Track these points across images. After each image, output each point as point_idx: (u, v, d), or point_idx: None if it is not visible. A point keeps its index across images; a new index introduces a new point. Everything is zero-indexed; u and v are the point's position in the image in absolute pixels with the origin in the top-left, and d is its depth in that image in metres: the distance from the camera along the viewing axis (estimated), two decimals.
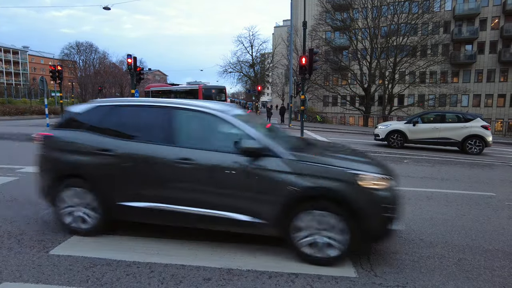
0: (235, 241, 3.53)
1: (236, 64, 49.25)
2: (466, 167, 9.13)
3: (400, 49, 30.20)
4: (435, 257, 3.35)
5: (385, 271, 3.03)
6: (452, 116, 13.04)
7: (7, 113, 24.44)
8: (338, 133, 20.75)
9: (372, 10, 30.68)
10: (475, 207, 5.24)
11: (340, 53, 37.17)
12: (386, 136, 13.16)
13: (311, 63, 12.38)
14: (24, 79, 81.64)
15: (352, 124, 34.25)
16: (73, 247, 3.28)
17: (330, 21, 34.37)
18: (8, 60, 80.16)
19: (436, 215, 4.74)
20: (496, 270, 3.15)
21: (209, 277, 2.80)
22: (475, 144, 12.11)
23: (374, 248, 3.50)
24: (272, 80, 58.67)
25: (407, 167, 8.72)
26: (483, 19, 37.53)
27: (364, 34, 32.13)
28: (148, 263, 3.00)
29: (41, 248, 3.25)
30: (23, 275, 2.75)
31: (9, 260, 2.99)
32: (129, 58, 12.96)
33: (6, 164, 7.16)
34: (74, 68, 58.17)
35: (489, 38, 37.60)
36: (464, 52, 38.44)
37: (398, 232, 3.95)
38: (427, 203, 5.36)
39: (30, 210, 4.31)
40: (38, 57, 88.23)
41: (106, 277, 2.76)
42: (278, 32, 70.62)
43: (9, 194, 4.99)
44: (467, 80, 38.70)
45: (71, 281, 2.69)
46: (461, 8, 37.70)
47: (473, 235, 4.03)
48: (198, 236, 3.64)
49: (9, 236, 3.52)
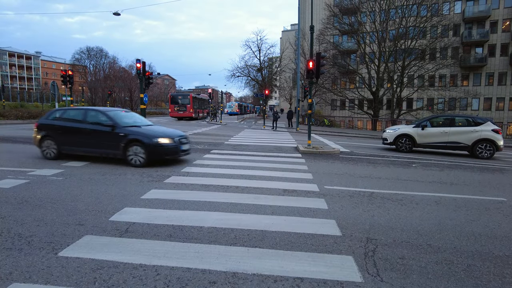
0: (241, 245, 3.54)
1: (243, 68, 49.58)
2: (476, 172, 8.98)
3: (409, 52, 29.95)
4: (443, 263, 3.30)
5: (392, 276, 3.00)
6: (462, 120, 12.86)
7: (19, 117, 24.90)
8: (346, 137, 20.63)
9: (380, 14, 30.54)
10: (485, 213, 5.14)
11: (348, 56, 37.07)
12: (394, 140, 13.05)
13: (319, 67, 12.36)
14: (36, 84, 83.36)
15: (360, 128, 34.01)
16: (81, 249, 3.33)
17: (337, 25, 34.34)
18: (21, 65, 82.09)
19: (445, 220, 4.67)
20: (507, 277, 3.09)
21: (214, 281, 2.81)
22: (485, 148, 11.92)
23: (380, 253, 3.47)
24: (280, 84, 58.75)
25: (416, 172, 8.62)
26: (493, 22, 37.03)
27: (372, 37, 32.01)
28: (154, 266, 3.02)
29: (50, 249, 3.31)
30: (33, 276, 2.80)
31: (19, 261, 3.05)
32: (138, 63, 13.14)
33: (18, 167, 7.31)
34: (84, 72, 59.14)
35: (500, 41, 37.04)
36: (474, 55, 37.91)
37: (406, 237, 3.91)
38: (436, 207, 5.29)
39: (40, 212, 4.39)
40: (50, 62, 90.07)
41: (113, 279, 2.79)
42: (286, 36, 70.82)
43: (20, 196, 5.10)
44: (478, 83, 38.13)
45: (79, 282, 2.73)
46: (471, 11, 37.27)
47: (483, 241, 3.95)
48: (204, 239, 3.66)
49: (20, 237, 3.59)
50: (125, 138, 7.86)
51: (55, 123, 8.60)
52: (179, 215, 4.42)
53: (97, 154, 8.25)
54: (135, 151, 7.83)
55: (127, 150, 7.87)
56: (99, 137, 8.08)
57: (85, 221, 4.10)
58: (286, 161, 9.55)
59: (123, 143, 7.86)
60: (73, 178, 6.44)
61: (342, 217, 4.59)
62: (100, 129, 8.09)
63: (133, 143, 7.84)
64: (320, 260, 3.26)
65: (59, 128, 8.45)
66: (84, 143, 8.20)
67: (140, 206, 4.77)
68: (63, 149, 8.35)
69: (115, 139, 7.93)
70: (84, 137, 8.20)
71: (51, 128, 8.51)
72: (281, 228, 4.06)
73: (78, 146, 8.25)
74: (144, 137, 7.85)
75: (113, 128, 8.00)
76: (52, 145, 8.41)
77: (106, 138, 8.01)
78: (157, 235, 3.73)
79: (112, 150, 8.01)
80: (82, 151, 8.26)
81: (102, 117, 8.31)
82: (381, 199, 5.70)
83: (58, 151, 8.37)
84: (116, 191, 5.57)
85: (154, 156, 7.96)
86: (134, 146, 7.83)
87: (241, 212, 4.69)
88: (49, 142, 8.45)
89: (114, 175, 6.85)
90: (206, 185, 6.21)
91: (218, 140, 14.80)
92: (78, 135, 8.27)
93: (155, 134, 8.06)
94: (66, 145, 8.35)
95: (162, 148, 7.99)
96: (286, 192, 5.87)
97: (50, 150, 8.43)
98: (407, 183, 7.09)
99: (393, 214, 4.84)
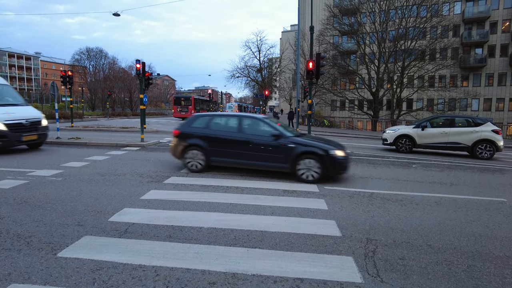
0: (240, 245, 3.53)
1: (243, 69, 49.57)
2: (476, 172, 8.97)
3: (409, 53, 29.93)
4: (443, 264, 3.30)
5: (392, 277, 2.99)
6: (462, 120, 12.85)
7: None
8: (345, 138, 20.62)
9: (379, 14, 30.54)
10: (485, 213, 5.14)
11: (347, 57, 37.03)
12: (394, 140, 13.04)
13: (318, 67, 12.37)
14: (36, 84, 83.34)
15: (360, 129, 34.00)
16: (80, 250, 3.31)
17: (337, 26, 34.33)
18: (21, 66, 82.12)
19: (445, 220, 4.66)
20: (507, 277, 3.08)
21: (214, 281, 2.80)
22: (485, 148, 11.92)
23: (380, 253, 3.46)
24: (280, 85, 58.74)
25: (416, 172, 8.62)
26: (493, 22, 37.04)
27: (372, 38, 31.99)
28: (153, 267, 3.01)
29: (49, 250, 3.30)
30: (31, 277, 2.79)
31: (18, 262, 3.04)
32: (137, 63, 13.11)
33: (17, 168, 7.30)
34: (84, 73, 59.07)
35: (499, 41, 37.05)
36: (474, 55, 37.93)
37: (406, 238, 3.90)
38: (436, 208, 5.28)
39: (39, 213, 4.38)
40: (50, 63, 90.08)
41: (112, 279, 2.78)
42: (286, 37, 70.89)
43: (19, 197, 5.09)
44: (477, 84, 38.15)
45: (78, 283, 2.72)
46: (470, 11, 37.28)
47: (483, 241, 3.95)
48: (204, 240, 3.65)
49: (19, 238, 3.58)
50: (294, 150, 6.86)
51: (203, 131, 7.58)
52: (179, 216, 4.42)
53: (257, 167, 7.29)
54: (308, 165, 6.81)
55: (297, 164, 6.87)
56: (261, 148, 7.08)
57: (85, 222, 4.09)
58: None
59: (293, 156, 6.87)
60: (72, 179, 6.43)
61: (342, 218, 4.59)
62: (262, 140, 7.11)
63: (306, 155, 6.83)
64: (320, 260, 3.26)
65: (210, 137, 7.45)
66: (241, 155, 7.23)
67: (140, 207, 4.76)
68: (213, 160, 7.40)
69: (281, 151, 6.94)
70: (241, 148, 7.22)
71: (199, 137, 7.49)
72: (281, 229, 4.05)
73: (232, 158, 7.30)
74: (319, 149, 6.84)
75: (278, 138, 7.03)
76: (199, 156, 7.42)
77: (270, 150, 7.02)
78: (156, 236, 3.72)
79: (277, 163, 7.04)
80: (237, 163, 7.33)
81: (264, 126, 7.39)
82: (381, 199, 5.70)
83: (206, 163, 7.42)
84: (115, 191, 5.56)
85: (330, 171, 6.90)
86: (307, 159, 6.82)
87: (241, 212, 4.68)
88: (195, 152, 7.44)
89: (113, 175, 6.84)
90: (205, 185, 6.21)
91: None
92: (233, 145, 7.29)
93: (328, 146, 6.99)
94: (218, 156, 7.37)
95: (339, 162, 6.89)
96: (286, 193, 5.87)
97: (196, 161, 7.44)
98: (407, 184, 7.09)
99: (393, 215, 4.83)
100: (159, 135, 16.58)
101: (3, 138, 9.03)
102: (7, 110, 9.56)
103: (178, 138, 7.70)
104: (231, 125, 7.67)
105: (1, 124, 8.99)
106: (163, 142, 13.43)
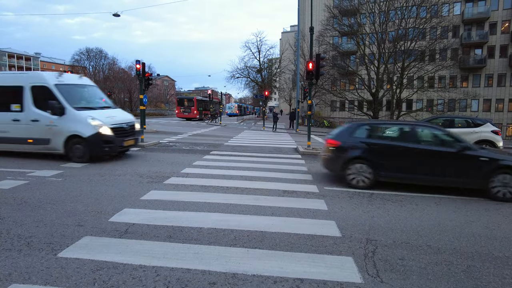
0: (240, 246, 3.54)
1: (243, 70, 49.67)
2: None
3: (408, 53, 29.92)
4: (443, 264, 3.30)
5: (392, 277, 3.00)
6: (461, 121, 12.87)
7: None
8: None
9: (379, 15, 30.54)
10: (485, 214, 5.15)
11: (347, 58, 37.03)
12: None
13: (318, 68, 12.37)
14: None
15: None
16: (81, 250, 3.32)
17: (337, 26, 34.32)
18: (21, 66, 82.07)
19: (444, 221, 4.67)
20: (506, 277, 3.09)
21: (214, 281, 2.81)
22: None
23: (380, 254, 3.47)
24: (280, 85, 58.80)
25: None
26: (492, 23, 37.09)
27: (372, 39, 31.99)
28: (154, 267, 3.02)
29: (49, 250, 3.30)
30: (32, 277, 2.79)
31: (19, 262, 3.04)
32: (137, 64, 13.11)
33: (17, 168, 7.30)
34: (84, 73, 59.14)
35: (499, 42, 37.10)
36: (474, 56, 37.97)
37: (406, 238, 3.91)
38: (435, 208, 5.29)
39: (39, 213, 4.39)
40: (50, 63, 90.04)
41: (113, 280, 2.78)
42: (286, 38, 70.92)
43: (20, 197, 5.09)
44: (477, 85, 38.18)
45: (78, 283, 2.72)
46: (470, 12, 37.34)
47: (483, 242, 3.96)
48: (204, 240, 3.66)
49: (19, 238, 3.58)
50: (489, 163, 6.10)
51: (370, 141, 6.78)
52: (179, 216, 4.42)
53: (437, 184, 6.40)
54: (504, 181, 6.01)
55: (491, 180, 6.05)
56: (442, 162, 6.32)
57: (85, 222, 4.09)
58: (286, 162, 9.55)
59: (486, 170, 6.09)
60: (73, 179, 6.43)
61: (342, 218, 4.59)
62: (444, 151, 6.36)
63: (502, 170, 6.04)
64: (320, 261, 3.26)
65: (380, 149, 6.63)
66: (417, 169, 6.41)
67: (140, 207, 4.77)
68: (382, 175, 6.50)
69: (469, 165, 6.23)
70: (417, 161, 6.42)
71: (365, 149, 6.67)
72: (281, 229, 4.06)
73: (407, 173, 6.44)
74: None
75: (462, 150, 6.29)
76: (366, 170, 6.53)
77: (454, 163, 6.28)
78: (157, 236, 3.72)
79: (463, 178, 6.22)
80: (412, 178, 6.48)
81: (442, 135, 6.66)
82: (381, 200, 5.71)
83: (374, 179, 6.52)
84: (115, 192, 5.57)
85: None
86: (502, 174, 6.03)
87: (241, 213, 4.68)
88: (360, 166, 6.55)
89: (113, 175, 6.84)
90: (205, 186, 6.21)
91: (217, 141, 14.79)
92: (407, 158, 6.48)
93: None
94: (389, 170, 6.48)
95: None
96: (286, 193, 5.87)
97: (361, 176, 6.54)
98: (406, 184, 7.08)
99: (393, 215, 4.84)
100: (159, 136, 16.58)
101: (109, 144, 8.26)
102: (108, 113, 8.83)
103: (337, 150, 6.89)
104: (404, 135, 6.82)
105: (107, 128, 8.22)
106: (163, 142, 13.44)
